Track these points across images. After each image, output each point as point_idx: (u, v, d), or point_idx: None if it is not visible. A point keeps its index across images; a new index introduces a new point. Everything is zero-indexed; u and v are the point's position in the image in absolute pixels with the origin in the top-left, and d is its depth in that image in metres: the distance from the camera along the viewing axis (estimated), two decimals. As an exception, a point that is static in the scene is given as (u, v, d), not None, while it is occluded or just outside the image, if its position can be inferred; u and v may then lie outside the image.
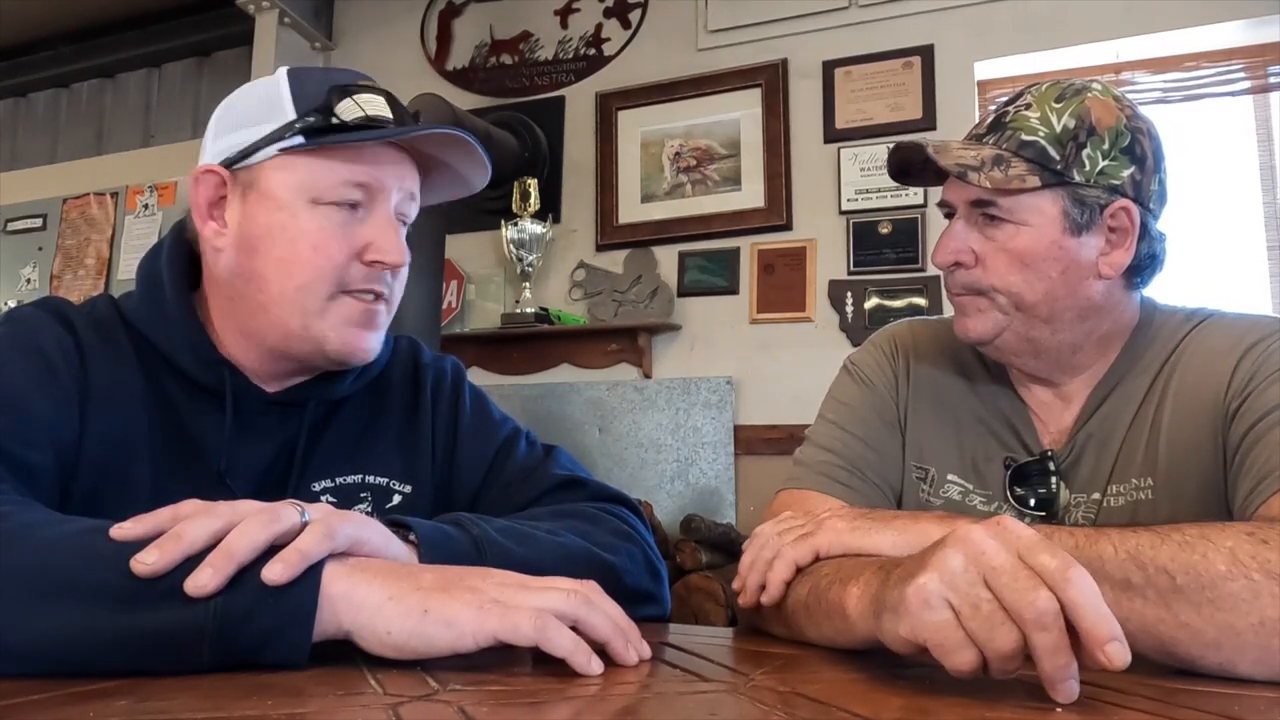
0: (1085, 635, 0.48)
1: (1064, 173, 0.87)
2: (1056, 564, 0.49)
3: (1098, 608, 0.48)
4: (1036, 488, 0.92)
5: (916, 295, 2.69)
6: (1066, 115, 0.88)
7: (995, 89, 2.81)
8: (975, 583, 0.50)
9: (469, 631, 0.55)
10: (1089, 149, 0.87)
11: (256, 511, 0.57)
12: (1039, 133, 0.88)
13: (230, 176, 0.83)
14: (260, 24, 3.46)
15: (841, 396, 1.03)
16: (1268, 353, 0.84)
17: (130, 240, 3.84)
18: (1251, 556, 0.59)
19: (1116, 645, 0.47)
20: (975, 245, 0.91)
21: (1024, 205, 0.88)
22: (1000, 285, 0.90)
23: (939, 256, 0.93)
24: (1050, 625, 0.48)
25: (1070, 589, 0.48)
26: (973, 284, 0.92)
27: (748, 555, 0.79)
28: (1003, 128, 0.90)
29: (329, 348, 0.83)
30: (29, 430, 0.73)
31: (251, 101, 0.84)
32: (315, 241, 0.80)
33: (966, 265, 0.92)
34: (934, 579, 0.52)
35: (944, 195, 0.95)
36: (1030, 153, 0.88)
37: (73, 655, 0.53)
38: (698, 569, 2.38)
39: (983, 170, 0.87)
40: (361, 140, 0.80)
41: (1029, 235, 0.88)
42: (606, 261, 3.08)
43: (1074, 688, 0.49)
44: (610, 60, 3.19)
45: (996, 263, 0.90)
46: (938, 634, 0.51)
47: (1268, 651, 0.58)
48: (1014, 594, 0.49)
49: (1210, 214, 2.58)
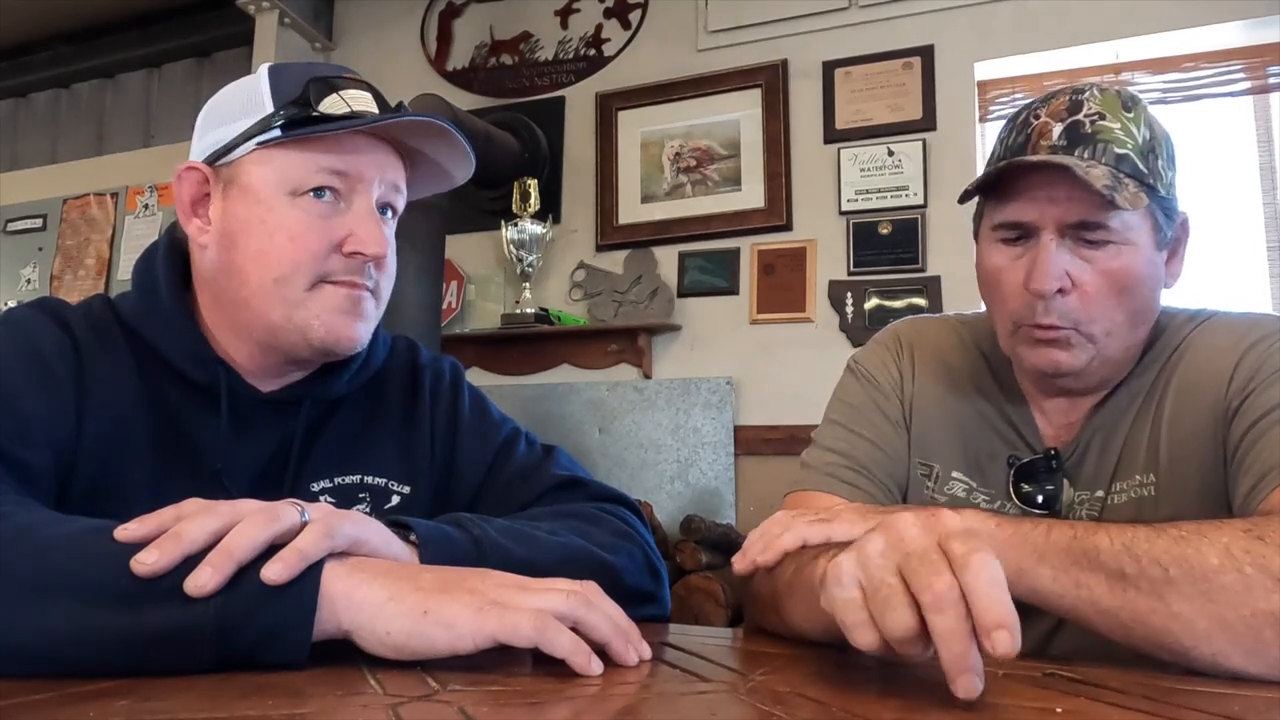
0: (975, 619, 0.48)
1: (1155, 185, 0.84)
2: (963, 550, 0.50)
3: (991, 594, 0.48)
4: (1042, 485, 0.92)
5: (916, 295, 2.69)
6: (1142, 125, 0.85)
7: (995, 89, 2.81)
8: (887, 567, 0.52)
9: (468, 633, 0.55)
10: (1161, 160, 0.85)
11: (256, 511, 0.57)
12: (1128, 145, 0.83)
13: (212, 173, 0.83)
14: (260, 24, 3.46)
15: (846, 397, 1.03)
16: (1269, 351, 0.84)
17: (130, 241, 3.84)
18: (1245, 551, 0.60)
19: (1004, 634, 0.46)
20: (1071, 269, 0.84)
21: (1130, 224, 0.83)
22: (1098, 314, 0.85)
23: (1042, 284, 0.83)
24: (946, 608, 0.48)
25: (967, 573, 0.48)
26: (1070, 314, 0.85)
27: (756, 530, 0.79)
28: (1089, 140, 0.84)
29: (313, 336, 0.82)
30: (26, 430, 0.73)
31: (234, 98, 0.84)
32: (293, 233, 0.80)
33: (1065, 291, 0.85)
34: (851, 559, 0.54)
35: (1021, 215, 0.86)
36: (1128, 167, 0.83)
37: (73, 655, 0.53)
38: (698, 569, 2.38)
39: (1119, 191, 0.80)
40: (337, 130, 0.79)
41: (1130, 255, 0.84)
42: (606, 262, 3.08)
43: (974, 682, 0.48)
44: (610, 60, 3.19)
45: (1097, 287, 0.84)
46: (843, 610, 0.54)
47: (1260, 644, 0.58)
48: (918, 577, 0.50)
49: (1210, 214, 2.58)
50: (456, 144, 0.85)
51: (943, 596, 0.48)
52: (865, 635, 0.52)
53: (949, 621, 0.48)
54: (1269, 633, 0.58)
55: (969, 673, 0.48)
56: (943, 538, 0.51)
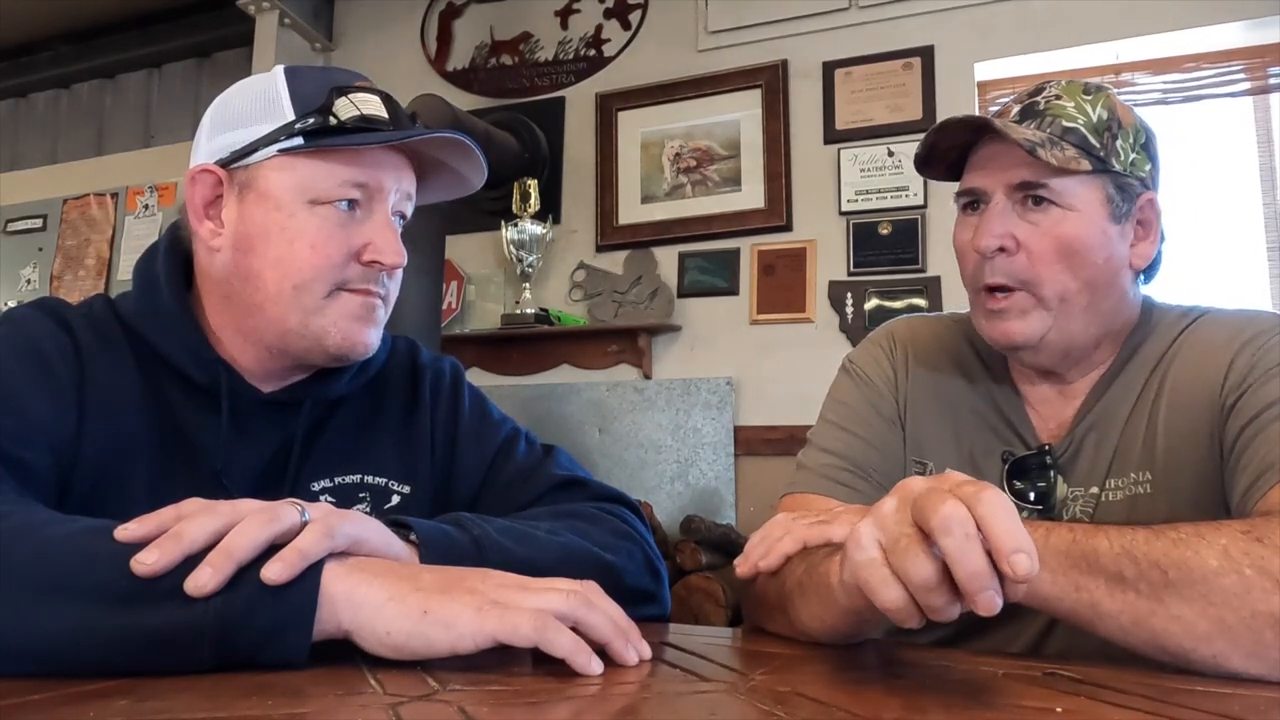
0: (993, 547, 0.48)
1: (1106, 159, 0.87)
2: (973, 489, 0.50)
3: (1005, 521, 0.48)
4: (1035, 481, 0.92)
5: (916, 296, 2.69)
6: (1099, 106, 0.89)
7: (995, 90, 2.81)
8: (903, 520, 0.52)
9: (468, 633, 0.55)
10: (1120, 140, 0.89)
11: (256, 511, 0.57)
12: (1078, 120, 0.88)
13: (227, 176, 0.83)
14: (260, 25, 3.46)
15: (841, 396, 1.03)
16: (1265, 348, 0.84)
17: (130, 241, 3.84)
18: (1244, 553, 0.60)
19: (1022, 556, 0.47)
20: (1017, 231, 0.88)
21: (1072, 189, 0.87)
22: (1045, 274, 0.87)
23: (982, 240, 0.88)
24: (955, 530, 0.48)
25: (980, 506, 0.49)
26: (1015, 273, 0.88)
27: (756, 534, 0.79)
28: (1039, 114, 0.89)
29: (329, 343, 0.83)
30: (26, 430, 0.73)
31: (248, 100, 0.83)
32: (313, 241, 0.80)
33: (1009, 251, 0.88)
34: (868, 522, 0.54)
35: (973, 182, 0.91)
36: (1074, 138, 0.87)
37: (73, 655, 0.53)
38: (698, 569, 2.38)
39: (1047, 148, 0.85)
40: (363, 143, 0.80)
41: (1076, 220, 0.87)
42: (606, 262, 3.08)
43: (993, 598, 0.48)
44: (610, 61, 3.19)
45: (1042, 248, 0.87)
46: (864, 571, 0.53)
47: (1260, 645, 0.58)
48: (925, 510, 0.50)
49: (1210, 215, 2.58)
50: (471, 154, 0.86)
51: (949, 517, 0.49)
52: (890, 592, 0.52)
53: (958, 541, 0.48)
54: (1269, 634, 0.58)
55: (987, 590, 0.48)
56: (952, 484, 0.52)
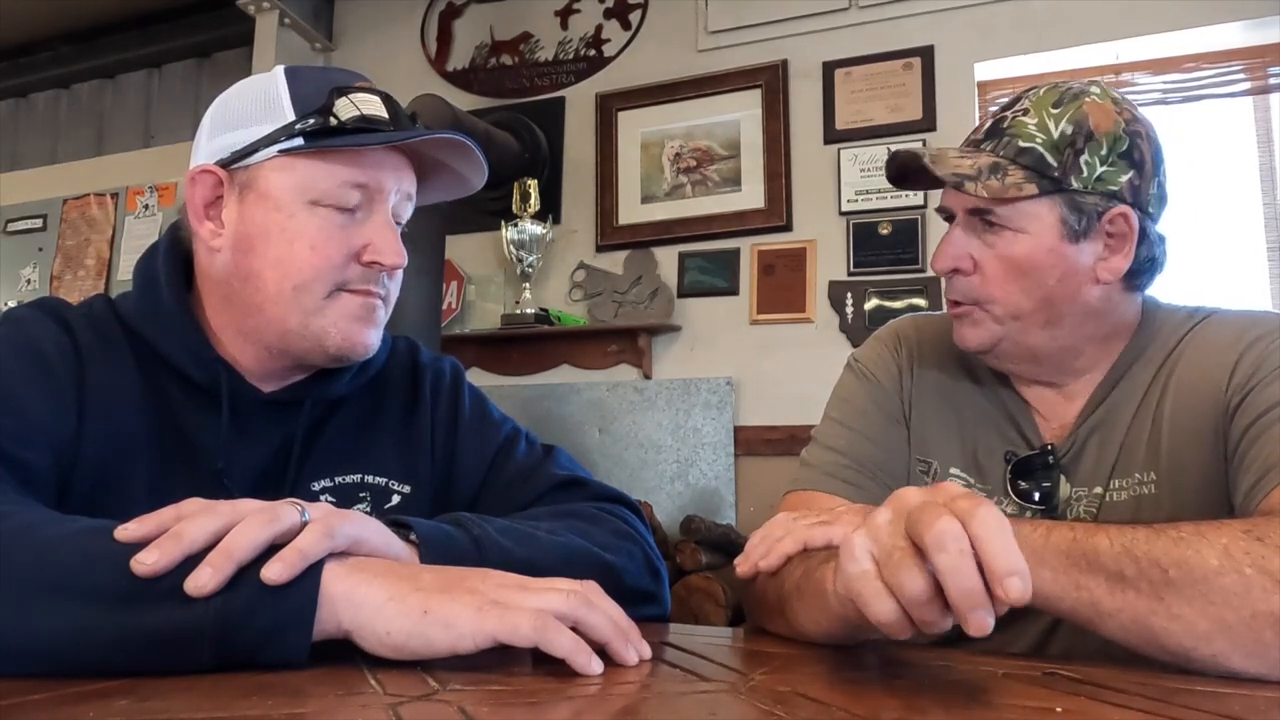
0: (986, 567, 0.47)
1: (1061, 179, 0.87)
2: (968, 504, 0.50)
3: (1000, 541, 0.48)
4: (1039, 481, 0.92)
5: (916, 296, 2.69)
6: (1064, 121, 0.88)
7: (995, 90, 2.81)
8: (896, 533, 0.52)
9: (468, 633, 0.55)
10: (1086, 155, 0.87)
11: (257, 511, 0.57)
12: (1036, 139, 0.88)
13: (227, 177, 0.83)
14: (260, 25, 3.46)
15: (846, 394, 1.03)
16: (1269, 348, 0.84)
17: (130, 241, 3.84)
18: (1245, 552, 0.60)
19: (1015, 580, 0.47)
20: (974, 252, 0.92)
21: (1021, 212, 0.88)
22: (998, 295, 0.91)
23: (938, 263, 0.94)
24: (949, 546, 0.48)
25: (974, 523, 0.49)
26: (969, 292, 0.93)
27: (757, 534, 0.79)
28: (1000, 134, 0.91)
29: (329, 343, 0.83)
30: (26, 430, 0.73)
31: (248, 101, 0.83)
32: (313, 242, 0.80)
33: (965, 272, 0.92)
34: (861, 533, 0.54)
35: (943, 201, 0.96)
36: (1028, 160, 0.88)
37: (73, 655, 0.53)
38: (698, 570, 2.38)
39: (979, 179, 0.87)
40: (363, 144, 0.80)
41: (1027, 242, 0.89)
42: (606, 262, 3.08)
43: (985, 618, 0.48)
44: (610, 61, 3.19)
45: (994, 270, 0.91)
46: (856, 583, 0.53)
47: (1261, 645, 0.58)
48: (920, 525, 0.50)
49: (1210, 215, 2.58)
50: (471, 155, 0.86)
51: (944, 533, 0.48)
52: (882, 605, 0.52)
53: (952, 558, 0.48)
54: (1269, 634, 0.58)
55: (980, 609, 0.48)
56: (947, 498, 0.52)
